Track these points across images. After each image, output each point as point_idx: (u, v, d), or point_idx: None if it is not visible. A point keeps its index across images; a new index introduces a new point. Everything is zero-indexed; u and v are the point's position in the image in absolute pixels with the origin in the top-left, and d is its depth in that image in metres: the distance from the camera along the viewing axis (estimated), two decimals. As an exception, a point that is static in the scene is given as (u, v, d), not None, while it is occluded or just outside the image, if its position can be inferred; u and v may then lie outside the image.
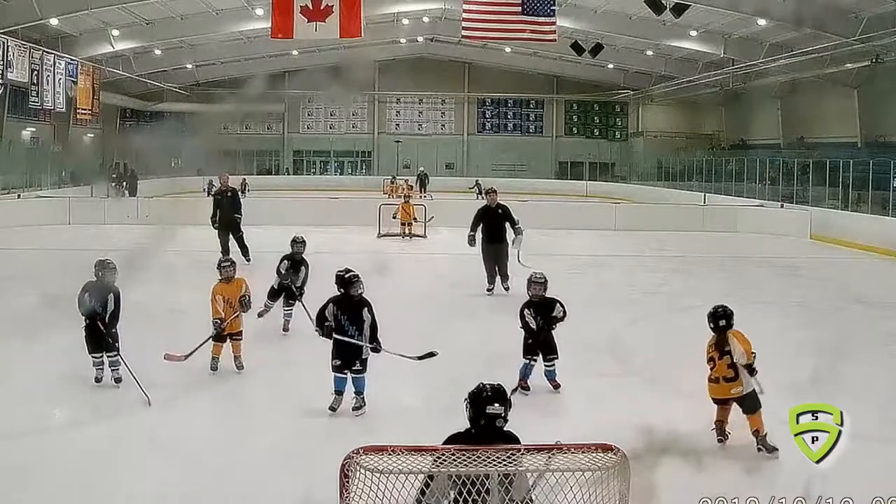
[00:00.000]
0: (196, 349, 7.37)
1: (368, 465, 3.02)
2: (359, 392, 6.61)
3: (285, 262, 9.38)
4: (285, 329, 9.30)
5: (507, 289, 11.85)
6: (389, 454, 3.04)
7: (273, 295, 9.31)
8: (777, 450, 5.68)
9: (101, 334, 6.93)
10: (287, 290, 9.26)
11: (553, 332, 7.25)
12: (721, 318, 6.09)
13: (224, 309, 7.65)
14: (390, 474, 3.01)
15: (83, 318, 6.92)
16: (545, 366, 7.27)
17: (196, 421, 6.56)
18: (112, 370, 7.03)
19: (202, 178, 29.13)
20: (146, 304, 10.16)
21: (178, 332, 9.19)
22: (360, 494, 3.05)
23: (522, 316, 7.29)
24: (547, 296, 7.30)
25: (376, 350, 6.63)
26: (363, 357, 6.58)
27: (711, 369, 6.09)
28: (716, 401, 6.12)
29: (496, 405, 3.80)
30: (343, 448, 3.17)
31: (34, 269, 13.75)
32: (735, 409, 6.08)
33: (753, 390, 5.92)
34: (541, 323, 7.19)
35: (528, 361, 7.25)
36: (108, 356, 7.01)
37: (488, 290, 11.99)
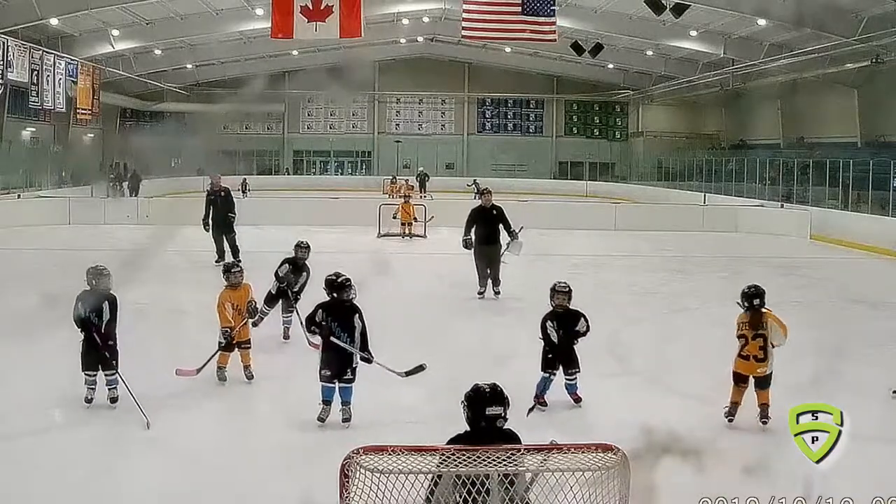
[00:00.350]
0: (208, 361, 7.22)
1: (368, 465, 3.02)
2: (346, 402, 6.38)
3: (286, 265, 8.91)
4: (286, 337, 8.92)
5: (497, 293, 11.63)
6: (389, 454, 3.04)
7: (270, 300, 8.82)
8: (769, 419, 6.16)
9: (98, 348, 6.50)
10: (284, 294, 8.81)
11: (575, 346, 6.84)
12: (755, 298, 6.36)
13: (233, 316, 7.32)
14: (390, 474, 3.01)
15: (79, 330, 6.53)
16: (566, 379, 6.87)
17: (196, 422, 6.55)
18: (109, 389, 6.61)
19: (202, 177, 29.13)
20: (146, 304, 10.17)
21: (179, 332, 9.21)
22: (360, 494, 3.04)
23: (544, 328, 6.85)
24: (571, 307, 6.87)
25: (368, 360, 6.41)
26: (353, 366, 6.38)
27: (743, 346, 6.35)
28: (737, 377, 6.39)
29: (495, 406, 3.76)
30: (343, 448, 3.17)
31: (34, 269, 13.75)
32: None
33: (771, 372, 6.31)
34: (562, 336, 6.79)
35: (546, 376, 6.82)
36: (105, 374, 6.59)
37: (479, 293, 11.68)
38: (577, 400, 6.88)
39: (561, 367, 6.82)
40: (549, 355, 6.80)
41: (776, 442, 5.62)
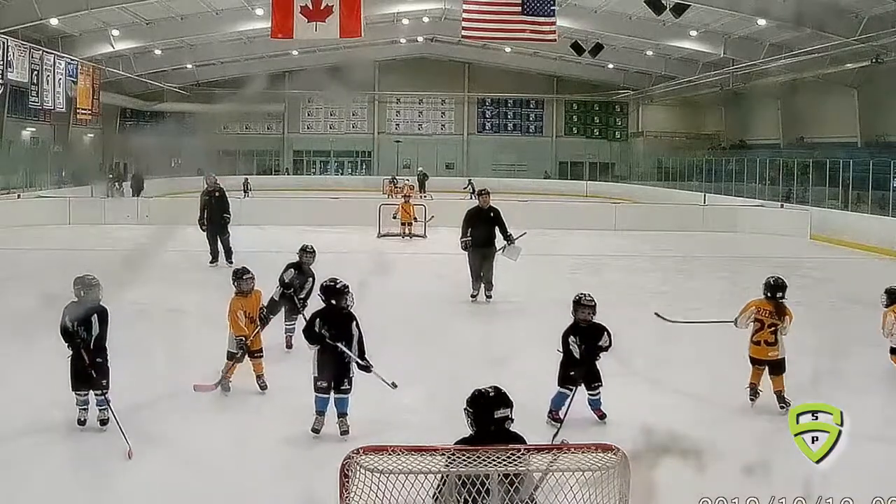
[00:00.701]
0: (224, 374, 7.05)
1: (368, 465, 3.02)
2: (343, 414, 6.16)
3: (291, 270, 8.47)
4: (288, 346, 8.47)
5: (489, 297, 11.37)
6: (389, 454, 3.04)
7: (273, 306, 8.10)
8: (791, 404, 6.32)
9: (86, 366, 6.07)
10: (289, 300, 8.30)
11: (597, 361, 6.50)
12: (780, 290, 6.86)
13: (245, 325, 7.05)
14: (390, 474, 3.01)
15: (66, 345, 6.13)
16: (589, 394, 6.51)
17: (197, 422, 6.54)
18: (99, 409, 6.22)
19: (202, 177, 29.13)
20: (146, 304, 10.18)
21: (179, 332, 9.20)
22: (360, 494, 3.04)
23: (566, 342, 6.48)
24: (594, 321, 6.52)
25: (367, 369, 6.18)
26: (351, 376, 6.14)
27: (757, 332, 6.81)
28: (753, 360, 6.85)
29: (503, 408, 3.73)
30: (343, 448, 3.17)
31: (34, 269, 13.74)
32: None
33: (784, 357, 6.77)
34: (584, 351, 6.43)
35: (564, 391, 6.42)
36: (94, 394, 6.19)
37: (472, 296, 11.39)
38: (602, 416, 6.54)
39: (583, 383, 6.47)
40: (571, 372, 6.44)
41: (776, 442, 5.62)
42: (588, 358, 6.46)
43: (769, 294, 6.86)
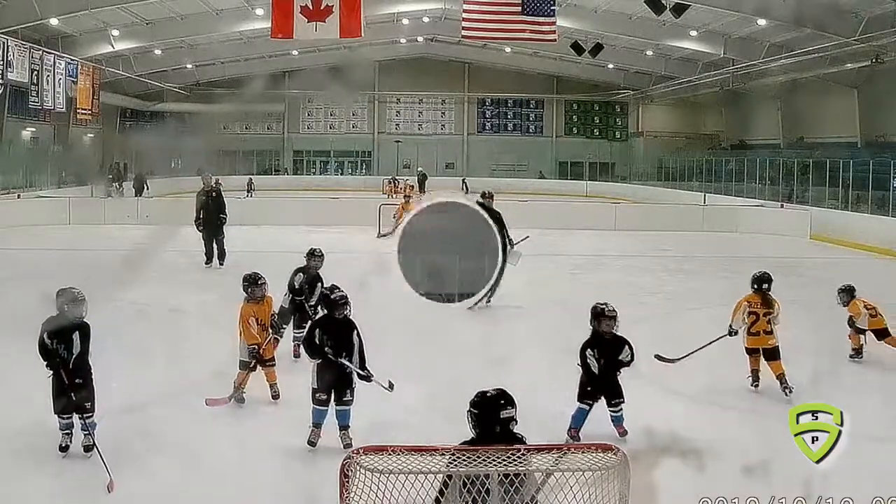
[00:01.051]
0: (238, 385, 6.94)
1: (368, 465, 3.02)
2: (345, 427, 5.98)
3: (300, 275, 8.21)
4: (296, 355, 7.97)
5: (488, 302, 11.18)
6: (389, 454, 3.04)
7: (284, 315, 7.82)
8: (792, 389, 6.83)
9: (65, 388, 5.62)
10: (300, 307, 8.11)
11: (619, 375, 6.24)
12: (765, 282, 7.35)
13: (258, 332, 6.83)
14: (390, 474, 3.01)
15: (45, 364, 5.71)
16: (610, 411, 6.21)
17: (197, 423, 6.53)
18: (84, 434, 5.71)
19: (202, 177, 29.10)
20: (146, 304, 10.18)
21: (179, 332, 9.20)
22: (360, 494, 3.05)
23: (584, 356, 6.22)
24: (616, 333, 6.26)
25: (367, 379, 6.07)
26: (353, 386, 6.01)
27: (753, 323, 7.22)
28: (749, 350, 7.29)
29: (508, 408, 3.71)
30: (343, 448, 3.17)
31: (34, 269, 13.74)
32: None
33: (778, 344, 7.18)
34: (603, 366, 6.17)
35: (583, 407, 6.19)
36: (78, 418, 5.72)
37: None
38: (624, 433, 6.15)
39: (603, 398, 6.22)
40: (589, 388, 6.18)
41: (776, 442, 5.62)
42: (607, 372, 6.19)
43: (756, 287, 7.33)
